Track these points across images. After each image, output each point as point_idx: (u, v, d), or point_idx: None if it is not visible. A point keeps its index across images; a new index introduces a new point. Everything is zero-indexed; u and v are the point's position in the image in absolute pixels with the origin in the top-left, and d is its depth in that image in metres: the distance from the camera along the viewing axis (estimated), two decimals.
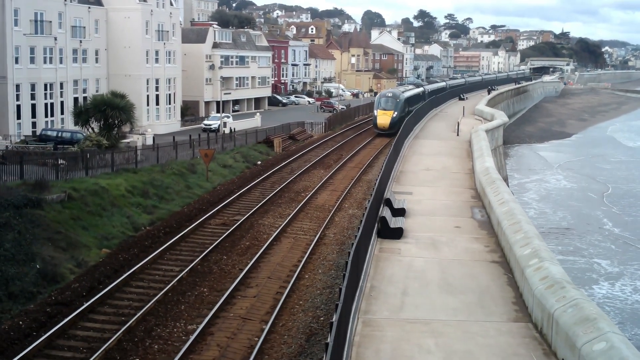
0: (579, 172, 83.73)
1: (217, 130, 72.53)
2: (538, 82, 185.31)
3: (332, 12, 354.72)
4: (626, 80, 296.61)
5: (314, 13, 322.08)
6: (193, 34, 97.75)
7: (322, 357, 12.66)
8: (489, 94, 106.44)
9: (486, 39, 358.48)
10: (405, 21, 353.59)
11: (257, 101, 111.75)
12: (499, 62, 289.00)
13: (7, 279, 24.82)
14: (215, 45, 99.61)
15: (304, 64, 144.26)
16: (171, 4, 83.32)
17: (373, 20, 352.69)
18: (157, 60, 79.54)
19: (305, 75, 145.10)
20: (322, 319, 21.29)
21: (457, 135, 57.09)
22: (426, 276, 20.67)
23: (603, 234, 54.40)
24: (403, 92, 77.59)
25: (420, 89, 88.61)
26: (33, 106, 63.58)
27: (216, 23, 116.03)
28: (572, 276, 39.08)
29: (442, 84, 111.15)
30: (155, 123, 76.50)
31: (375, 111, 71.94)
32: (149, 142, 59.50)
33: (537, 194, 69.29)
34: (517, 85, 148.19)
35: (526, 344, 15.65)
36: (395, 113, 69.70)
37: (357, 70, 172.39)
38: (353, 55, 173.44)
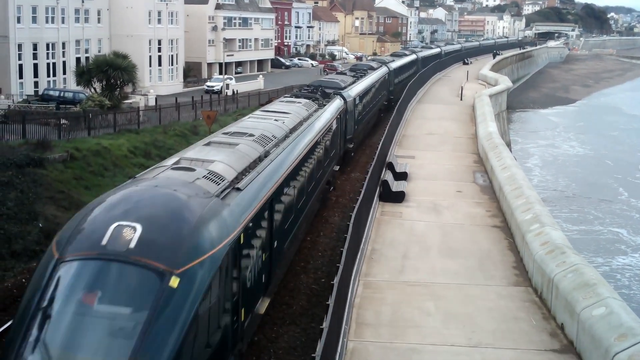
0: (584, 139, 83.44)
1: (219, 92, 72.28)
2: (543, 48, 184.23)
3: None
4: (631, 47, 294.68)
5: None
6: None
7: (323, 318, 12.73)
8: (494, 58, 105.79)
9: (491, 3, 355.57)
10: None
11: (260, 63, 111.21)
12: (503, 27, 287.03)
13: (9, 237, 24.94)
14: (218, 7, 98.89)
15: (308, 27, 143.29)
16: None
17: None
18: (159, 20, 79.03)
19: (309, 38, 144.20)
20: (323, 280, 21.40)
21: (461, 99, 56.84)
22: (427, 240, 20.73)
23: (617, 202, 54.32)
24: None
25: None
26: (35, 66, 63.35)
27: None
28: (584, 245, 39.44)
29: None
30: (157, 84, 76.22)
31: None
32: (152, 103, 59.37)
33: (541, 160, 69.20)
34: (522, 51, 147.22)
35: (526, 307, 15.73)
36: None
37: (361, 34, 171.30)
38: (357, 18, 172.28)
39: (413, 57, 77.60)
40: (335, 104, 30.91)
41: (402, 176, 28.06)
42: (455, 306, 15.79)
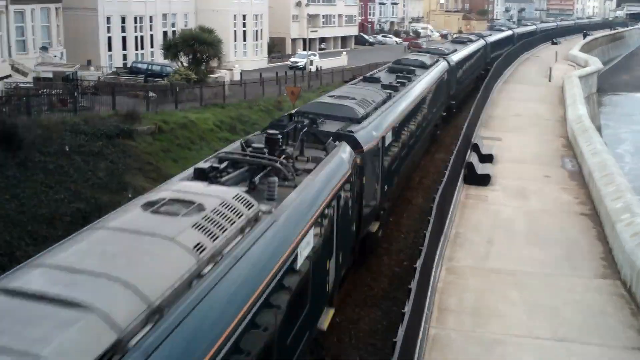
0: None
1: (303, 68, 72.45)
2: (635, 29, 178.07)
3: None
4: None
5: None
6: None
7: (405, 302, 12.67)
8: (584, 38, 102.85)
9: None
10: None
11: (344, 40, 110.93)
12: (593, 7, 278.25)
13: (100, 206, 25.65)
14: None
15: (392, 3, 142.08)
16: None
17: None
18: None
19: (393, 14, 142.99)
20: (405, 263, 21.32)
21: (549, 80, 55.49)
22: (513, 226, 20.38)
23: None
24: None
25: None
26: (123, 39, 64.71)
27: None
28: None
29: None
30: (242, 59, 76.87)
31: None
32: (237, 77, 59.93)
33: (634, 146, 67.06)
34: (613, 31, 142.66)
35: (613, 302, 15.30)
36: None
37: (446, 11, 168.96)
38: None
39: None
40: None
41: (488, 158, 27.60)
42: (540, 297, 15.48)
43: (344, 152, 16.12)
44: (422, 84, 30.45)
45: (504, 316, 14.53)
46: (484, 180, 24.75)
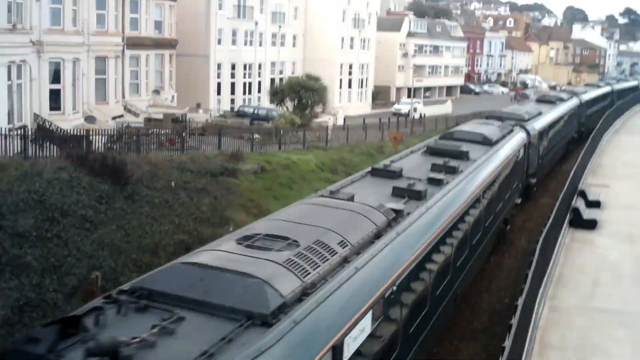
0: None
1: (407, 115, 72.51)
2: None
3: (532, 6, 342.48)
4: None
5: (513, 6, 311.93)
6: (388, 22, 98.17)
7: (505, 337, 12.32)
8: None
9: None
10: (610, 18, 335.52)
11: (449, 89, 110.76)
12: None
13: (202, 238, 26.05)
14: (410, 34, 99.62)
15: (500, 55, 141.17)
16: None
17: (575, 15, 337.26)
18: (351, 46, 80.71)
19: (500, 66, 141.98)
20: (506, 300, 20.76)
21: None
22: (620, 268, 19.63)
23: None
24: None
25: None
26: (232, 84, 66.57)
27: (412, 13, 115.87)
28: None
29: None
30: (346, 105, 77.69)
31: None
32: (340, 122, 60.49)
33: None
34: None
35: None
36: None
37: (555, 64, 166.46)
38: (552, 49, 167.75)
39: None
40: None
41: (594, 204, 26.80)
42: None
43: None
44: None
45: (607, 352, 13.93)
46: (590, 225, 24.03)
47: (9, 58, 33.76)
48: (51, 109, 38.78)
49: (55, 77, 39.25)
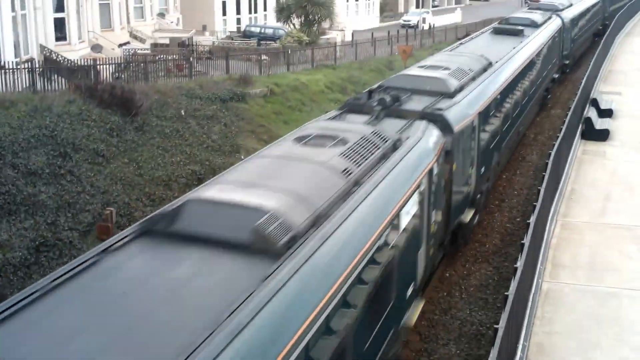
0: None
1: (415, 27, 71.44)
2: None
3: None
4: None
5: None
6: None
7: (517, 257, 12.44)
8: None
9: None
10: None
11: None
12: None
13: (213, 168, 26.23)
14: None
15: None
16: None
17: None
18: None
19: None
20: (518, 219, 20.89)
21: None
22: (632, 181, 19.63)
23: None
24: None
25: None
26: (237, 2, 65.48)
27: None
28: None
29: None
30: (354, 19, 76.49)
31: None
32: (348, 38, 59.72)
33: None
34: None
35: None
36: None
37: None
38: None
39: None
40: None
41: (607, 113, 26.61)
42: None
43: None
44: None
45: (619, 270, 14.09)
46: (602, 135, 23.93)
47: None
48: (57, 39, 38.27)
49: (59, 4, 38.61)
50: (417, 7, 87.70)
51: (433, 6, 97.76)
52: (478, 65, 20.59)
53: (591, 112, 25.63)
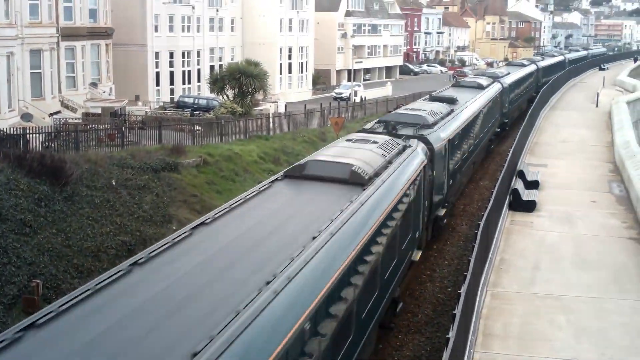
0: None
1: (347, 99, 72.74)
2: None
3: None
4: None
5: None
6: (326, 1, 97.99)
7: (449, 328, 12.51)
8: (635, 62, 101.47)
9: (629, 6, 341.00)
10: None
11: (389, 70, 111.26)
12: None
13: (144, 239, 25.93)
14: (348, 14, 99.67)
15: (437, 32, 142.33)
16: None
17: None
18: (290, 28, 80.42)
19: (438, 43, 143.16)
20: (449, 289, 21.09)
21: (596, 106, 54.78)
22: (559, 251, 20.04)
23: None
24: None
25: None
26: (171, 73, 65.83)
27: None
28: None
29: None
30: (287, 91, 77.55)
31: None
32: (281, 110, 60.39)
33: None
34: None
35: None
36: None
37: (492, 39, 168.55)
38: (488, 23, 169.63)
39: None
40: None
41: (533, 185, 27.27)
42: (588, 320, 15.17)
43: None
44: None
45: (550, 340, 14.25)
46: (529, 207, 24.43)
47: None
48: None
49: None
50: (349, 80, 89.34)
51: (364, 79, 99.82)
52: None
53: (518, 184, 26.24)
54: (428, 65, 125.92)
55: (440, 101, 31.03)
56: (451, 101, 31.53)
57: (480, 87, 40.03)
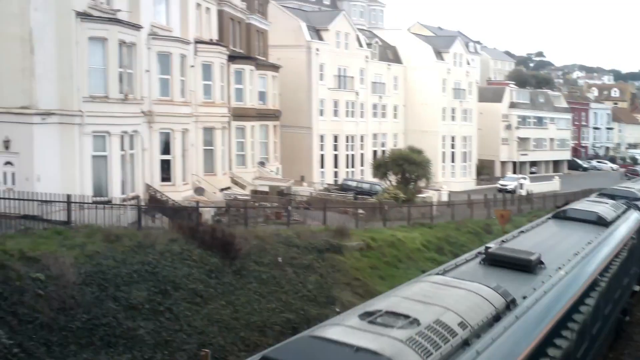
0: None
1: (513, 192, 71.21)
2: None
3: (637, 74, 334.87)
4: None
5: (617, 75, 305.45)
6: (489, 92, 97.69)
7: None
8: None
9: None
10: None
11: (555, 164, 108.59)
12: None
13: (308, 318, 25.85)
14: (512, 105, 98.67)
15: (607, 128, 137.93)
16: (467, 63, 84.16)
17: None
18: (453, 117, 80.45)
19: (608, 139, 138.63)
20: None
21: None
22: None
23: None
24: None
25: None
26: (335, 156, 67.00)
27: (513, 83, 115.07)
28: None
29: None
30: (450, 180, 77.06)
31: None
32: (444, 198, 59.82)
33: None
34: None
35: None
36: None
37: None
38: None
39: None
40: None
41: None
42: None
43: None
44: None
45: None
46: None
47: (122, 128, 34.55)
48: (162, 179, 39.54)
49: (166, 147, 40.06)
50: (514, 172, 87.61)
51: (530, 172, 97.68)
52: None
53: None
54: (598, 162, 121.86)
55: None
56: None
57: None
